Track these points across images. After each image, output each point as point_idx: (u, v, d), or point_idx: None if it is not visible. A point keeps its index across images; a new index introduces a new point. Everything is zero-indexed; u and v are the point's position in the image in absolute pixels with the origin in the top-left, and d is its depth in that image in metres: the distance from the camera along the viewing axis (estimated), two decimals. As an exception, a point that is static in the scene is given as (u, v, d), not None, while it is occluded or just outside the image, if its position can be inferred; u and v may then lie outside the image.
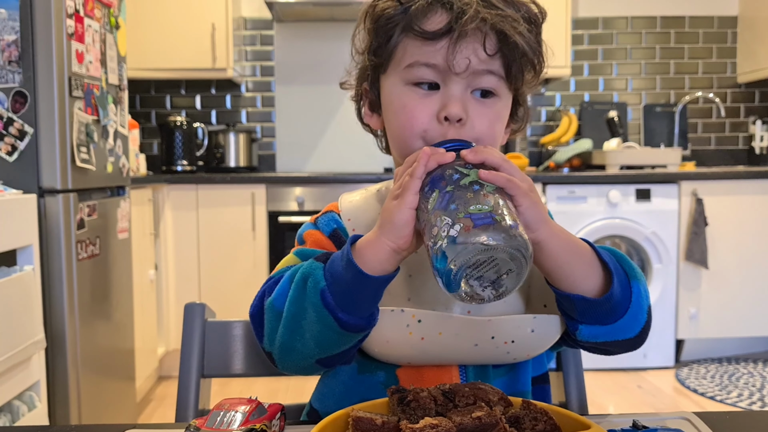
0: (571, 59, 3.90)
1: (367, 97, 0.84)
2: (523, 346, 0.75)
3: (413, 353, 0.75)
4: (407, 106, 0.76)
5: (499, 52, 0.74)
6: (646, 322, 0.75)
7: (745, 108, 4.10)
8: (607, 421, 0.64)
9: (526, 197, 0.66)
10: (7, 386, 1.72)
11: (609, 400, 2.97)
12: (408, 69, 0.76)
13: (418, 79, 0.75)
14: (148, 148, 3.89)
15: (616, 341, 0.75)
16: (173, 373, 3.30)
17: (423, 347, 0.74)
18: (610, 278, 0.71)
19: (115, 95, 2.39)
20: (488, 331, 0.73)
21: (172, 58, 3.50)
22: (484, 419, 0.57)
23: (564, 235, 0.70)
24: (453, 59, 0.72)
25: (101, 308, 2.30)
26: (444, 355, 0.75)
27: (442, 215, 0.62)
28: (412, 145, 0.76)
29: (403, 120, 0.76)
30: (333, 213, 0.84)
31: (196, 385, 0.93)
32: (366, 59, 0.81)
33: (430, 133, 0.75)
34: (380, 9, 0.78)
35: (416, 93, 0.76)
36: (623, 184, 3.31)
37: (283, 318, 0.72)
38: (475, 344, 0.74)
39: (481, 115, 0.75)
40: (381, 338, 0.73)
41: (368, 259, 0.68)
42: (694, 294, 3.37)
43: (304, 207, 3.28)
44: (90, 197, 2.21)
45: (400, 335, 0.73)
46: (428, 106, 0.75)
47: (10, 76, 1.96)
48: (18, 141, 1.97)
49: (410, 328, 0.73)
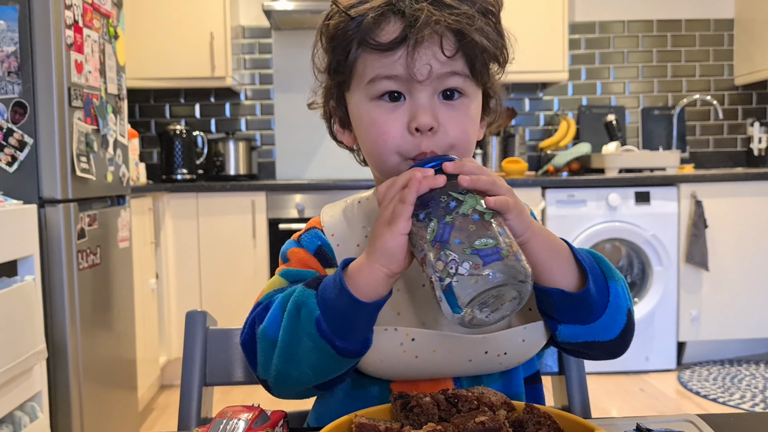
0: (569, 63, 3.90)
1: (336, 115, 0.83)
2: (514, 355, 0.76)
3: (407, 371, 0.74)
4: (377, 122, 0.74)
5: (460, 51, 0.72)
6: (626, 325, 0.75)
7: (743, 110, 4.10)
8: (610, 425, 0.64)
9: (515, 209, 0.66)
10: (8, 397, 1.72)
11: (611, 403, 2.96)
12: (371, 84, 0.74)
13: (382, 93, 0.73)
14: (147, 157, 3.89)
15: (595, 342, 0.75)
16: (175, 382, 3.29)
17: (417, 365, 0.73)
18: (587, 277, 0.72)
19: (114, 105, 2.39)
20: (482, 347, 0.73)
21: (171, 68, 3.51)
22: (487, 424, 0.57)
23: (544, 234, 0.71)
24: (414, 67, 0.71)
25: (102, 318, 2.30)
26: (438, 371, 0.75)
27: (446, 250, 0.62)
28: (388, 160, 0.74)
29: (374, 136, 0.75)
30: (316, 229, 0.83)
31: (198, 393, 0.93)
32: (328, 78, 0.80)
33: (404, 147, 0.73)
34: (333, 26, 0.76)
35: (383, 108, 0.74)
36: (622, 188, 3.32)
37: (277, 347, 0.71)
38: (469, 360, 0.74)
39: (452, 120, 0.74)
40: (375, 357, 0.72)
41: (361, 285, 0.67)
42: (695, 296, 3.37)
43: (304, 214, 3.29)
44: (90, 207, 2.21)
45: (394, 354, 0.72)
46: (397, 119, 0.73)
47: (9, 87, 1.96)
48: (18, 152, 1.97)
49: (404, 347, 0.72)
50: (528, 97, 4.05)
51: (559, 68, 3.66)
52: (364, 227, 0.81)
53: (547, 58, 3.65)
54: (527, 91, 4.04)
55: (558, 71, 3.67)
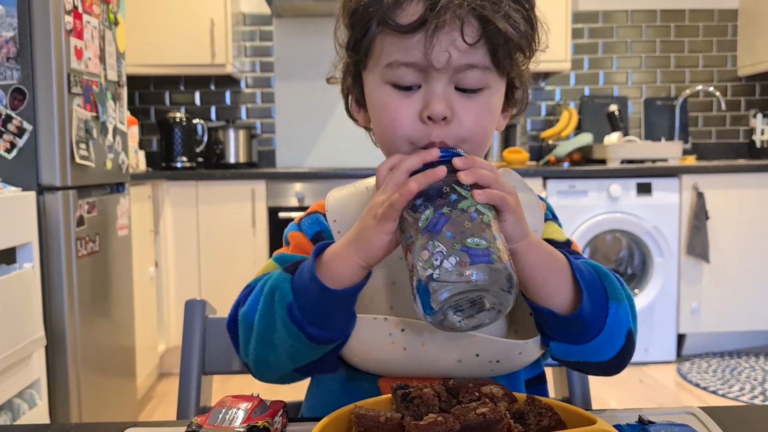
0: (571, 53, 3.88)
1: (352, 93, 0.81)
2: (507, 366, 0.73)
3: (394, 364, 0.73)
4: (389, 107, 0.72)
5: (483, 39, 0.69)
6: (624, 346, 0.72)
7: (746, 101, 4.09)
8: (612, 416, 0.63)
9: (514, 213, 0.64)
10: (7, 384, 1.72)
11: (610, 394, 2.96)
12: (387, 68, 0.71)
13: (398, 80, 0.71)
14: (147, 144, 3.88)
15: (588, 362, 0.73)
16: (174, 371, 3.29)
17: (405, 358, 0.71)
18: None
19: (114, 92, 2.38)
20: (473, 348, 0.71)
21: (171, 54, 3.49)
22: (488, 415, 0.56)
23: (541, 248, 0.69)
24: (431, 53, 0.68)
25: (101, 306, 2.30)
26: (426, 368, 0.73)
27: (436, 241, 0.59)
28: (398, 147, 0.73)
29: (386, 122, 0.73)
30: (318, 214, 0.82)
31: (197, 382, 0.92)
32: (347, 55, 0.78)
33: (415, 135, 0.71)
34: (355, 2, 0.73)
35: (397, 93, 0.72)
36: (624, 178, 3.31)
37: (254, 331, 0.71)
38: (459, 360, 0.71)
39: (468, 111, 0.71)
40: (362, 347, 0.71)
41: (336, 273, 0.66)
42: (695, 288, 3.37)
43: (304, 202, 3.28)
44: (89, 194, 2.21)
45: (383, 344, 0.71)
46: (410, 106, 0.71)
47: (8, 73, 1.95)
48: (17, 138, 1.96)
49: (393, 337, 0.70)
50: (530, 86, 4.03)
51: (561, 58, 3.64)
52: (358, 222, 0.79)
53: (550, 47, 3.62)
54: (529, 81, 4.02)
55: (560, 61, 3.65)
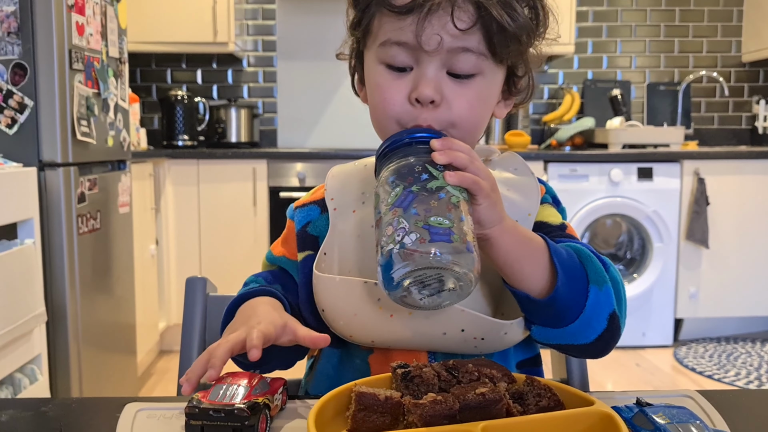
0: (575, 36, 3.86)
1: (357, 71, 0.82)
2: (492, 344, 0.73)
3: (378, 330, 0.73)
4: (381, 87, 0.73)
5: (477, 25, 0.68)
6: (606, 330, 0.71)
7: (749, 87, 4.07)
8: (609, 398, 0.64)
9: (488, 198, 0.65)
10: (8, 359, 1.73)
11: (607, 377, 2.98)
12: (381, 47, 0.72)
13: (391, 59, 0.72)
14: (148, 122, 3.87)
15: (569, 345, 0.73)
16: (174, 348, 3.31)
17: (390, 326, 0.72)
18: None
19: (115, 68, 2.37)
20: (459, 323, 0.71)
21: (172, 32, 3.47)
22: (487, 395, 0.56)
23: (517, 232, 0.68)
24: (422, 35, 0.68)
25: (102, 282, 2.31)
26: (409, 338, 0.73)
27: (400, 217, 0.61)
28: (387, 126, 0.73)
29: (377, 101, 0.74)
30: (312, 205, 0.84)
31: (197, 359, 0.93)
32: (350, 33, 0.79)
33: (403, 117, 0.72)
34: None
35: (389, 73, 0.72)
36: (625, 163, 3.30)
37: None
38: (444, 333, 0.71)
39: (458, 96, 0.71)
40: (349, 311, 0.72)
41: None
42: (694, 273, 3.38)
43: (305, 183, 3.28)
44: (90, 171, 2.20)
45: (370, 309, 0.72)
46: (401, 87, 0.71)
47: (9, 48, 1.94)
48: (18, 114, 1.96)
49: (381, 303, 0.71)
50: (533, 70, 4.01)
51: (565, 41, 3.62)
52: (363, 193, 0.80)
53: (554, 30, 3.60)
54: (532, 64, 4.00)
55: (564, 44, 3.62)
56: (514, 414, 0.58)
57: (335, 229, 0.78)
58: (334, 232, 0.78)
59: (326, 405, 0.59)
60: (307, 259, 0.80)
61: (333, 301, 0.74)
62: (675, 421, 0.54)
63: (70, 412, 0.68)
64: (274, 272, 0.85)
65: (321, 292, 0.75)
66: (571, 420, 0.57)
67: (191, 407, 0.58)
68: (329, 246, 0.77)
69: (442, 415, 0.55)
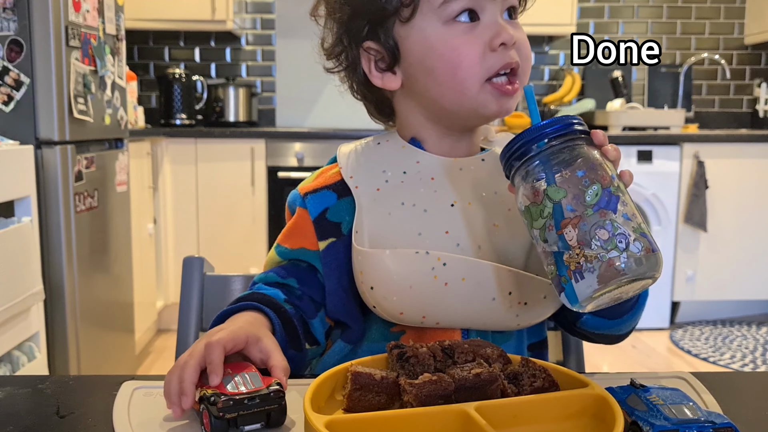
0: (577, 17, 3.83)
1: (374, 58, 0.78)
2: (532, 311, 0.74)
3: (432, 303, 0.72)
4: (457, 44, 0.72)
5: None
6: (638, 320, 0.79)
7: (751, 70, 4.05)
8: (604, 380, 0.64)
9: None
10: (6, 336, 1.74)
11: (603, 359, 3.00)
12: (443, 6, 0.72)
13: (458, 12, 0.72)
14: (146, 100, 3.85)
15: (609, 335, 0.78)
16: (172, 327, 3.32)
17: (445, 296, 0.71)
18: None
19: (112, 46, 2.35)
20: (507, 286, 0.72)
21: (170, 9, 3.44)
22: (483, 376, 0.57)
23: None
24: None
25: (100, 261, 2.31)
26: (463, 309, 0.73)
27: (614, 222, 0.57)
28: (470, 85, 0.72)
29: (456, 60, 0.72)
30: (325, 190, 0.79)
31: (194, 338, 0.93)
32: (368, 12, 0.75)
33: (489, 62, 0.72)
34: None
35: (460, 29, 0.72)
36: (625, 145, 3.29)
37: None
38: (493, 298, 0.72)
39: (521, 37, 0.75)
40: (404, 284, 0.71)
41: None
42: (691, 256, 3.38)
43: (303, 163, 3.27)
44: (88, 149, 2.20)
45: (425, 279, 0.71)
46: (478, 38, 0.72)
47: (5, 24, 1.92)
48: (14, 91, 1.94)
49: (435, 272, 0.71)
50: (533, 50, 3.98)
51: (567, 21, 3.59)
52: (384, 171, 0.78)
53: (555, 10, 3.58)
54: (533, 45, 3.96)
55: (566, 24, 3.60)
56: (509, 394, 0.58)
57: (362, 207, 0.76)
58: (361, 210, 0.75)
59: (322, 385, 0.59)
60: (330, 247, 0.77)
61: (385, 275, 0.71)
62: (668, 402, 0.54)
63: (68, 389, 0.68)
64: (286, 267, 0.81)
65: (369, 269, 0.72)
66: (565, 401, 0.57)
67: (224, 402, 0.56)
68: (358, 224, 0.75)
69: (437, 395, 0.55)
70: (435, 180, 0.76)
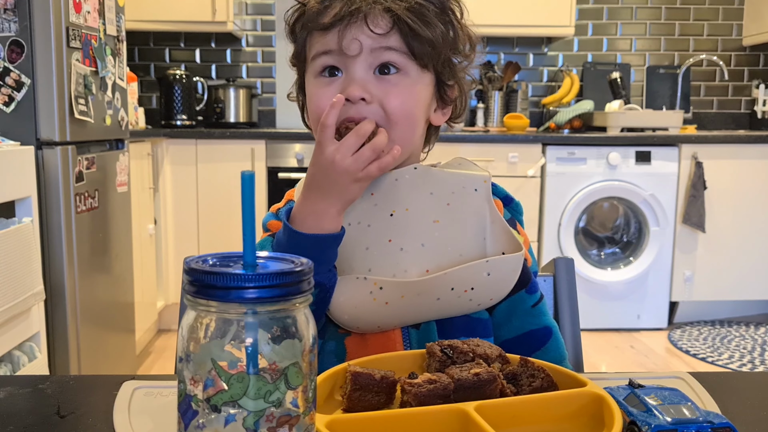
0: (576, 18, 3.84)
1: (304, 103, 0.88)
2: (483, 291, 0.78)
3: (381, 317, 0.78)
4: (315, 96, 0.80)
5: (395, 29, 0.76)
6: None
7: (749, 71, 4.06)
8: (602, 380, 0.65)
9: None
10: (7, 336, 1.74)
11: (601, 359, 3.00)
12: (312, 61, 0.80)
13: (321, 68, 0.79)
14: (147, 101, 3.86)
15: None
16: (172, 327, 3.33)
17: (389, 311, 0.77)
18: None
19: (113, 47, 2.35)
20: (447, 284, 0.76)
21: (171, 10, 3.44)
22: (482, 375, 0.57)
23: None
24: (343, 42, 0.76)
25: (100, 261, 2.31)
26: (413, 315, 0.79)
27: None
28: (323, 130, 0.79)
29: (314, 109, 0.80)
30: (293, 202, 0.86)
31: (195, 338, 0.93)
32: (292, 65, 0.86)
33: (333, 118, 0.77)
34: (289, 17, 0.83)
35: (321, 82, 0.80)
36: (623, 147, 3.30)
37: None
38: (438, 298, 0.77)
39: (388, 92, 0.77)
40: (349, 304, 0.77)
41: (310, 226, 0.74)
42: (689, 257, 3.39)
43: (303, 163, 3.27)
44: (88, 150, 2.20)
45: (366, 301, 0.77)
46: (331, 91, 0.78)
47: (5, 25, 1.92)
48: (15, 92, 1.95)
49: (373, 295, 0.76)
50: (532, 51, 4.00)
51: (565, 23, 3.60)
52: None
53: (554, 12, 3.58)
54: (532, 46, 3.99)
55: (564, 26, 3.61)
56: (508, 394, 0.58)
57: None
58: None
59: (321, 385, 0.59)
60: None
61: (335, 296, 0.78)
62: (666, 402, 0.55)
63: (68, 389, 0.68)
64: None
65: None
66: (563, 401, 0.58)
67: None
68: None
69: (436, 395, 0.56)
70: (374, 195, 0.81)
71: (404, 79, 0.78)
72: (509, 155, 3.28)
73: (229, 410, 0.41)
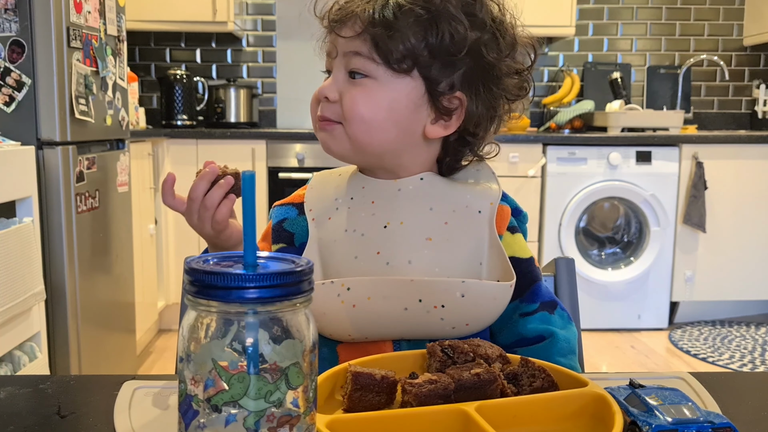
0: (576, 18, 3.84)
1: None
2: (455, 312, 0.74)
3: (346, 322, 0.76)
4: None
5: (366, 35, 0.78)
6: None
7: (750, 72, 4.05)
8: (603, 380, 0.65)
9: None
10: (8, 336, 1.74)
11: (602, 359, 3.00)
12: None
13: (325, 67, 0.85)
14: (147, 101, 3.86)
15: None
16: (173, 327, 3.33)
17: (356, 315, 0.75)
18: None
19: (114, 47, 2.35)
20: (414, 294, 0.74)
21: (171, 10, 3.44)
22: (482, 376, 0.57)
23: None
24: (329, 45, 0.83)
25: (101, 261, 2.31)
26: (378, 323, 0.76)
27: None
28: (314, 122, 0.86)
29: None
30: (289, 205, 0.90)
31: (196, 338, 0.93)
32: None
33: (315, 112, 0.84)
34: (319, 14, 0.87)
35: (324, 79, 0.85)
36: (624, 147, 3.30)
37: None
38: (405, 308, 0.74)
39: (348, 94, 0.79)
40: (318, 311, 0.75)
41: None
42: (690, 257, 3.39)
43: (304, 163, 3.27)
44: (89, 150, 2.20)
45: (334, 305, 0.75)
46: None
47: (6, 25, 1.92)
48: (16, 92, 1.95)
49: (341, 297, 0.75)
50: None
51: (566, 23, 3.60)
52: (336, 200, 0.84)
53: (555, 12, 3.58)
54: (533, 46, 3.98)
55: (565, 26, 3.61)
56: (509, 394, 0.58)
57: (314, 238, 0.82)
58: (312, 241, 0.82)
59: (321, 386, 0.59)
60: (280, 251, 0.85)
61: None
62: (667, 402, 0.55)
63: (69, 389, 0.68)
64: None
65: None
66: (564, 401, 0.58)
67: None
68: (310, 254, 0.81)
69: (436, 395, 0.56)
70: (375, 203, 0.81)
71: (370, 83, 0.79)
72: (510, 155, 3.28)
73: (229, 410, 0.41)
